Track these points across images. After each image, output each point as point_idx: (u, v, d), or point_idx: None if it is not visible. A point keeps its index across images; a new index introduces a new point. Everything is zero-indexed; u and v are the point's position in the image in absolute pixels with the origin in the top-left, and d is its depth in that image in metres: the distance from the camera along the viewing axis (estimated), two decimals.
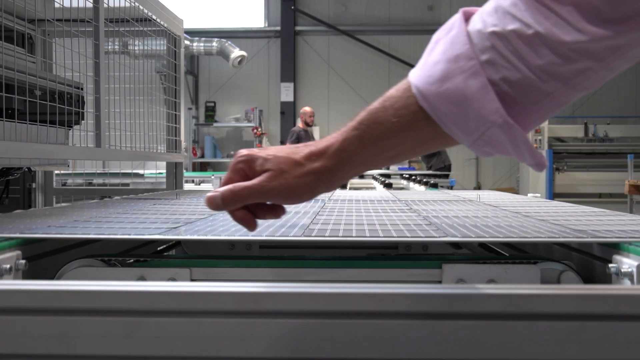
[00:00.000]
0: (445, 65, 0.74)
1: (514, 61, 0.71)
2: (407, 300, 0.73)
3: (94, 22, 2.39)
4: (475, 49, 0.73)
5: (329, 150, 0.81)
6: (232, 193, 0.82)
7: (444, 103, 0.74)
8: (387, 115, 0.78)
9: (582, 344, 0.71)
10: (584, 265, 1.28)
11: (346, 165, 0.81)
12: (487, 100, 0.72)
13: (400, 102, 0.78)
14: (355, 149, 0.80)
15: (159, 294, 0.73)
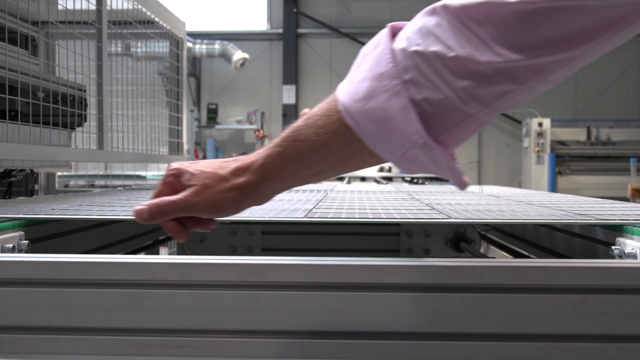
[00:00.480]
0: (370, 83, 0.75)
1: (436, 82, 0.72)
2: (409, 272, 0.73)
3: (97, 25, 2.40)
4: (399, 68, 0.73)
5: (253, 166, 0.83)
6: (158, 207, 0.84)
7: (368, 121, 0.75)
8: (309, 134, 0.79)
9: (585, 316, 0.71)
10: (586, 251, 1.27)
11: (270, 181, 0.83)
12: (409, 121, 0.72)
13: (322, 121, 0.79)
14: (278, 165, 0.81)
15: (162, 265, 0.74)
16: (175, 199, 0.83)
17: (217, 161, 0.87)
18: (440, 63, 0.71)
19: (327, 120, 0.78)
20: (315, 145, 0.79)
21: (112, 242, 1.54)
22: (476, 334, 0.72)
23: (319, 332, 0.73)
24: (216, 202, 0.83)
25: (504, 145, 12.56)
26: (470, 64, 0.70)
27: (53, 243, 1.26)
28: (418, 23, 0.75)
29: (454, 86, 0.71)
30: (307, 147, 0.79)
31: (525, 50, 0.69)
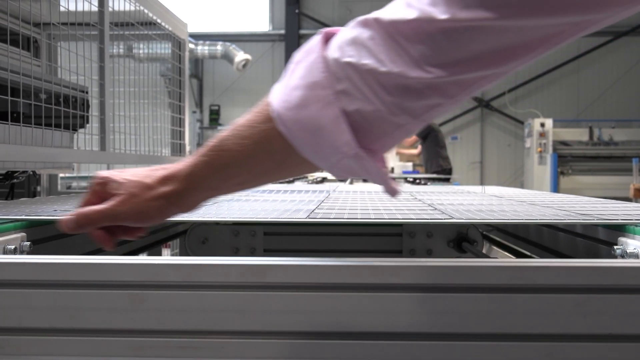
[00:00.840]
0: (303, 91, 0.75)
1: (368, 94, 0.72)
2: (411, 272, 0.73)
3: (99, 26, 2.40)
4: (332, 78, 0.73)
5: (179, 175, 0.83)
6: (84, 217, 0.84)
7: (300, 130, 0.75)
8: (234, 144, 0.80)
9: (587, 316, 0.71)
10: (589, 250, 1.27)
11: (195, 190, 0.83)
12: (340, 132, 0.73)
13: (247, 132, 0.79)
14: (203, 174, 0.82)
15: (163, 266, 0.74)
16: (101, 208, 0.84)
17: (144, 170, 0.87)
18: (372, 76, 0.71)
19: (252, 131, 0.79)
20: (240, 155, 0.79)
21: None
22: (479, 334, 0.72)
23: (321, 333, 0.73)
24: (142, 211, 0.83)
25: (506, 146, 12.55)
26: (401, 78, 0.71)
27: (55, 244, 1.26)
28: (352, 33, 0.75)
29: (385, 99, 0.72)
30: (232, 157, 0.80)
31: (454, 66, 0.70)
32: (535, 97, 12.42)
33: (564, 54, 12.17)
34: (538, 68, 12.25)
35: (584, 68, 12.33)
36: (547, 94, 12.46)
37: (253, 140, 0.79)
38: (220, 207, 1.48)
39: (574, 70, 12.36)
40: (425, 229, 1.82)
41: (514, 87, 12.26)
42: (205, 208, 1.43)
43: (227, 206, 1.49)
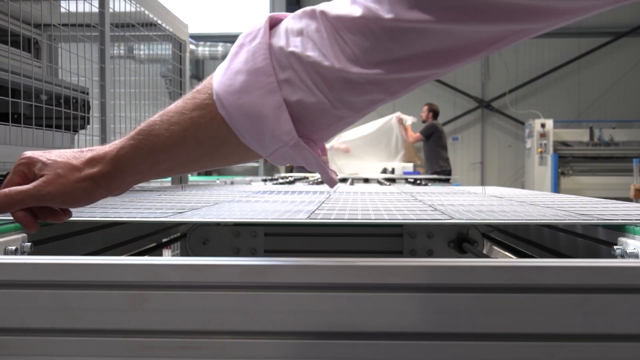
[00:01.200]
0: (246, 77, 0.74)
1: (311, 86, 0.72)
2: (411, 272, 0.73)
3: (99, 27, 2.40)
4: (275, 66, 0.73)
5: (106, 157, 0.82)
6: (7, 197, 0.83)
7: (241, 115, 0.75)
8: (162, 129, 0.79)
9: (587, 316, 0.71)
10: (589, 251, 1.28)
11: (122, 173, 0.82)
12: (281, 121, 0.73)
13: (175, 118, 0.78)
14: (131, 158, 0.81)
15: (164, 266, 0.74)
16: (25, 188, 0.83)
17: (71, 151, 0.86)
18: (315, 69, 0.72)
19: (181, 118, 0.78)
20: (168, 142, 0.78)
21: (114, 244, 1.55)
22: (479, 333, 0.72)
23: (322, 333, 0.73)
24: (68, 192, 0.82)
25: (506, 147, 12.56)
26: (343, 73, 0.71)
27: (55, 245, 1.26)
28: (298, 24, 0.75)
29: (327, 92, 0.72)
30: (160, 142, 0.79)
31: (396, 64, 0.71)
32: (536, 98, 12.43)
33: (565, 54, 12.17)
34: (538, 69, 12.25)
35: (585, 69, 12.33)
36: (548, 94, 12.46)
37: (182, 127, 0.78)
38: (220, 208, 1.48)
39: (575, 70, 12.36)
40: (426, 229, 1.82)
41: (514, 87, 12.27)
42: (205, 209, 1.43)
43: (228, 207, 1.50)
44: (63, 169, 0.82)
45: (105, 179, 0.82)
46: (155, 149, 0.80)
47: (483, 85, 12.39)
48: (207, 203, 1.61)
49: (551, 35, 12.07)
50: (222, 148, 0.80)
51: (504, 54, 12.14)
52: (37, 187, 0.82)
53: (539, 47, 12.19)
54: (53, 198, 0.83)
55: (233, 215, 1.31)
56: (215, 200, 1.71)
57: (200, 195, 2.00)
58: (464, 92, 12.27)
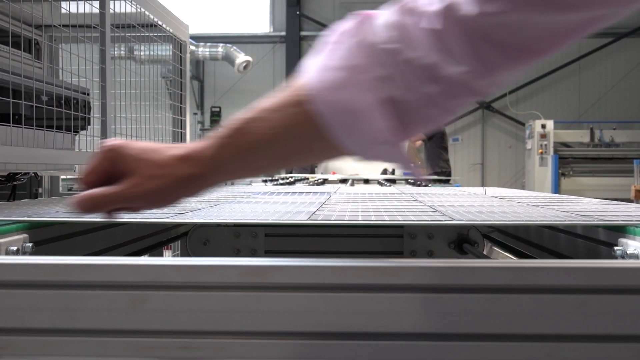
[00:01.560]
0: (342, 73, 0.73)
1: (409, 82, 0.71)
2: (412, 273, 0.73)
3: (100, 28, 2.41)
4: (374, 63, 0.72)
5: (202, 157, 0.79)
6: (95, 200, 0.81)
7: (336, 112, 0.73)
8: (256, 127, 0.77)
9: (587, 317, 0.71)
10: (589, 252, 1.28)
11: (212, 173, 0.80)
12: (378, 118, 0.72)
13: (268, 115, 0.77)
14: (224, 157, 0.79)
15: (165, 267, 0.74)
16: (114, 192, 0.80)
17: (158, 147, 0.82)
18: (416, 66, 0.71)
19: (279, 115, 0.77)
20: (262, 139, 0.77)
21: (115, 245, 1.55)
22: (479, 334, 0.73)
23: (322, 333, 0.73)
24: (157, 194, 0.80)
25: (507, 147, 12.56)
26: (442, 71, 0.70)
27: (57, 245, 1.26)
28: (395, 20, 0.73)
29: (424, 90, 0.72)
30: (254, 140, 0.77)
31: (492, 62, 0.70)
32: (537, 99, 12.43)
33: (565, 55, 12.16)
34: (539, 70, 12.25)
35: (585, 69, 12.33)
36: (548, 95, 12.47)
37: (275, 123, 0.76)
38: (221, 208, 1.48)
39: (575, 71, 12.36)
40: (426, 230, 1.83)
41: (515, 88, 12.27)
42: (206, 210, 1.44)
43: (229, 208, 1.50)
44: (155, 168, 0.80)
45: (197, 180, 0.80)
46: (249, 148, 0.78)
47: None
48: (207, 204, 1.61)
49: None
50: (313, 145, 0.78)
51: None
52: (128, 189, 0.80)
53: None
54: (141, 201, 0.81)
55: (234, 216, 1.31)
56: (216, 201, 1.71)
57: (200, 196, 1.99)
58: None
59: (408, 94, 0.72)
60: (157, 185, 0.79)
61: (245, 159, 0.79)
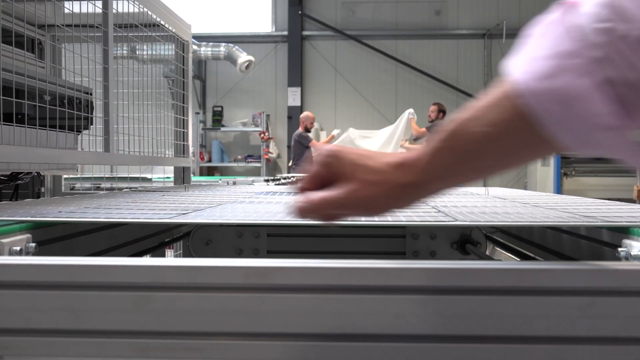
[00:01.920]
0: (552, 61, 0.69)
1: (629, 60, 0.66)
2: (416, 275, 0.73)
3: (103, 28, 2.41)
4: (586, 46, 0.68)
5: (418, 164, 0.78)
6: (316, 207, 0.81)
7: (549, 102, 0.69)
8: (476, 125, 0.74)
9: (592, 319, 0.71)
10: (593, 253, 1.27)
11: (433, 180, 0.78)
12: (599, 102, 0.67)
13: (490, 112, 0.74)
14: (444, 162, 0.76)
15: (168, 268, 0.74)
16: (334, 198, 0.80)
17: (373, 154, 0.82)
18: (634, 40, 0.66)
19: (497, 110, 0.74)
20: (484, 138, 0.74)
21: (118, 244, 1.55)
22: (483, 336, 0.72)
23: (326, 335, 0.73)
24: (375, 201, 0.79)
25: None
26: None
27: (60, 245, 1.26)
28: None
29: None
30: (475, 140, 0.74)
31: None
32: None
33: None
34: None
35: None
36: None
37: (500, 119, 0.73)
38: (224, 209, 1.48)
39: None
40: (429, 230, 1.82)
41: None
42: (209, 210, 1.43)
43: (231, 208, 1.49)
44: (373, 175, 0.79)
45: (414, 188, 0.78)
46: (469, 149, 0.75)
47: (486, 86, 12.38)
48: (210, 204, 1.61)
49: None
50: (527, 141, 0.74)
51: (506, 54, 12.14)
52: (346, 195, 0.79)
53: None
54: (357, 207, 0.80)
55: (236, 216, 1.31)
56: (219, 201, 1.71)
57: (203, 196, 2.00)
58: (466, 93, 12.26)
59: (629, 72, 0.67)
60: (374, 191, 0.79)
61: (462, 162, 0.76)
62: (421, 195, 0.80)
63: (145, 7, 2.86)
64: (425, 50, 12.30)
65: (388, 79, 12.40)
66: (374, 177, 0.78)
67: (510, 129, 0.73)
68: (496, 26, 11.99)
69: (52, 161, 2.14)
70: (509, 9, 12.11)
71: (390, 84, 12.35)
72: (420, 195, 0.80)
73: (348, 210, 0.81)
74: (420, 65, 12.23)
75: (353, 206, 0.80)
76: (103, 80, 2.42)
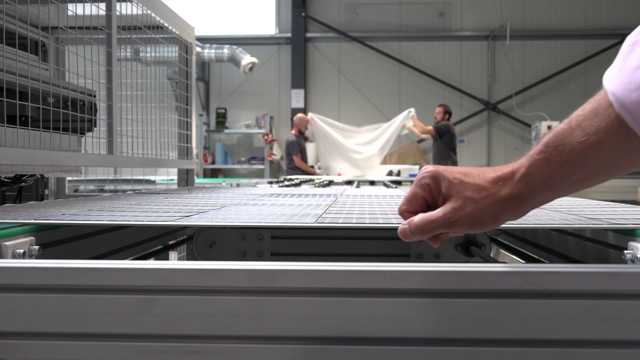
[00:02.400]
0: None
1: None
2: (420, 277, 0.73)
3: (106, 30, 2.41)
4: None
5: (516, 176, 0.79)
6: (418, 228, 0.82)
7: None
8: (575, 135, 0.75)
9: (598, 322, 0.71)
10: (598, 255, 1.27)
11: (533, 192, 0.78)
12: None
13: (588, 121, 0.75)
14: (542, 173, 0.77)
15: (172, 271, 0.74)
16: (435, 218, 0.81)
17: (470, 170, 0.84)
18: None
19: (595, 119, 0.74)
20: (582, 147, 0.74)
21: (122, 247, 1.55)
22: (488, 339, 0.72)
23: (330, 338, 0.73)
24: (477, 218, 0.80)
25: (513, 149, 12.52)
26: None
27: (63, 248, 1.26)
28: None
29: None
30: (573, 150, 0.75)
31: None
32: (543, 100, 12.39)
33: (571, 56, 12.14)
34: (545, 71, 12.22)
35: (591, 71, 12.29)
36: (554, 96, 12.43)
37: (598, 128, 0.74)
38: (228, 211, 1.48)
39: (581, 72, 12.32)
40: None
41: (520, 90, 12.24)
42: (212, 212, 1.43)
43: (235, 210, 1.49)
44: (471, 191, 0.80)
45: (515, 200, 0.79)
46: (568, 159, 0.76)
47: (489, 88, 12.36)
48: (214, 206, 1.61)
49: (558, 37, 12.05)
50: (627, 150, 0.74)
51: (510, 56, 12.13)
52: (447, 215, 0.81)
53: (546, 49, 12.17)
54: (461, 225, 0.81)
55: (240, 218, 1.31)
56: (222, 203, 1.71)
57: (207, 198, 2.00)
58: (470, 95, 12.25)
59: None
60: (476, 208, 0.80)
61: (562, 172, 0.77)
62: (523, 207, 0.80)
63: (149, 9, 2.86)
64: (428, 52, 12.29)
65: (392, 81, 12.39)
66: (475, 195, 0.80)
67: (609, 138, 0.73)
68: (500, 28, 11.98)
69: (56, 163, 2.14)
70: (512, 11, 12.10)
71: (394, 86, 12.34)
72: (522, 207, 0.80)
73: (452, 228, 0.82)
74: (423, 67, 12.22)
75: (457, 224, 0.81)
76: (107, 83, 2.42)
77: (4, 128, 1.78)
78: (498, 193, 0.79)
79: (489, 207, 0.79)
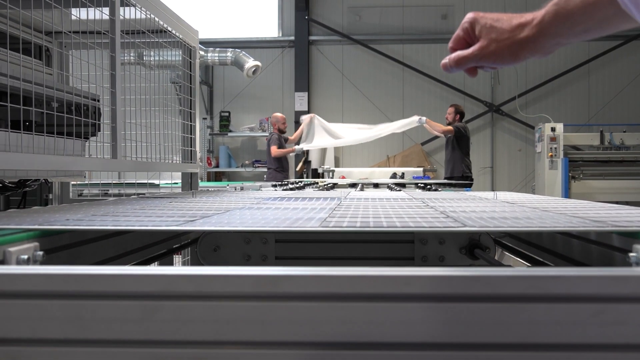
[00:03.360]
0: None
1: None
2: (425, 282, 0.72)
3: (110, 34, 2.41)
4: None
5: (532, 23, 1.00)
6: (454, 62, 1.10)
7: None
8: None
9: (603, 326, 0.70)
10: (603, 258, 1.26)
11: (545, 36, 0.99)
12: None
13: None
14: (552, 21, 0.98)
15: (176, 277, 0.73)
16: (466, 54, 1.07)
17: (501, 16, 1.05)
18: None
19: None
20: (583, 4, 0.94)
21: (126, 252, 1.55)
22: (494, 343, 0.72)
23: (335, 343, 0.72)
24: (498, 55, 1.04)
25: (516, 151, 12.51)
26: None
27: (67, 253, 1.26)
28: None
29: None
30: (576, 5, 0.94)
31: None
32: (546, 102, 12.38)
33: (575, 58, 12.12)
34: (548, 72, 12.20)
35: (595, 72, 12.28)
36: (558, 98, 12.41)
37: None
38: (232, 215, 1.47)
39: (585, 74, 12.31)
40: (437, 236, 1.81)
41: (524, 91, 12.22)
42: (217, 216, 1.43)
43: (239, 214, 1.49)
44: (496, 33, 1.04)
45: (530, 42, 1.01)
46: (573, 12, 0.95)
47: (493, 89, 12.35)
48: (218, 210, 1.61)
49: None
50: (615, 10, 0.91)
51: None
52: (477, 51, 1.06)
53: None
54: (487, 60, 1.06)
55: (244, 222, 1.30)
56: (226, 207, 1.71)
57: (210, 202, 1.99)
58: (473, 97, 12.23)
59: None
60: (498, 47, 1.04)
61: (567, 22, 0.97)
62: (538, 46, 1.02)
63: (152, 13, 2.87)
64: (432, 54, 12.29)
65: (395, 83, 12.39)
66: (498, 37, 1.04)
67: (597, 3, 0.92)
68: None
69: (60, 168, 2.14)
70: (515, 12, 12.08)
71: (397, 88, 12.34)
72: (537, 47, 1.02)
73: (480, 62, 1.07)
74: (426, 69, 12.21)
75: (483, 59, 1.06)
76: (110, 87, 2.42)
77: (8, 133, 1.78)
78: (517, 36, 1.02)
79: (508, 47, 1.04)
